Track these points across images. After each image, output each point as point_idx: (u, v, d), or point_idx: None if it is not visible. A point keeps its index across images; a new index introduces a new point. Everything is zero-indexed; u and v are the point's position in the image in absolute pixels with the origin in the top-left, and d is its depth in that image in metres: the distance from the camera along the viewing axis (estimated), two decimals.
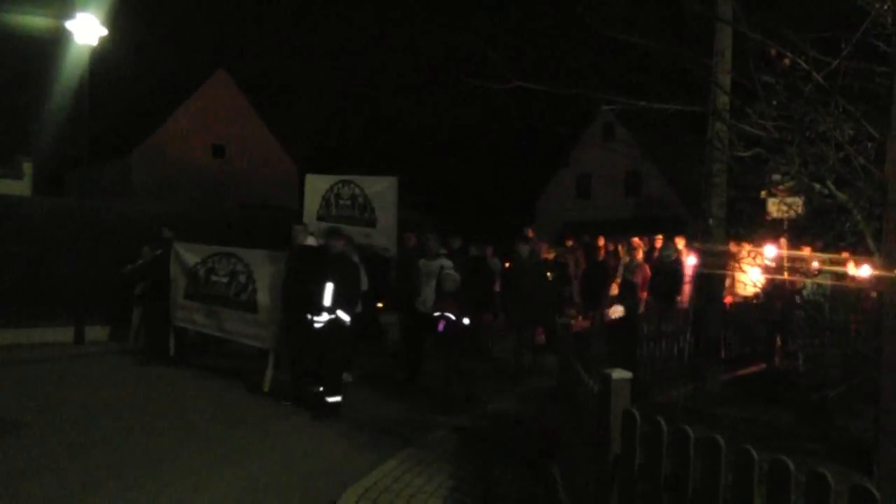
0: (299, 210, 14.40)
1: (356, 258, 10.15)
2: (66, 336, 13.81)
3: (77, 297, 13.82)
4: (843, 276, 8.71)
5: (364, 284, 10.23)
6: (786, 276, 10.80)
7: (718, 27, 8.89)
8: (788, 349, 10.37)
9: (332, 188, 13.28)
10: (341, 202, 13.19)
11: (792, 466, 2.82)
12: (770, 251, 12.21)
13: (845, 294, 8.51)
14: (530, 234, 16.06)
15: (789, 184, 8.58)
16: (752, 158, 7.56)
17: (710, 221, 9.41)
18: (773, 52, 6.88)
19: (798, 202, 9.07)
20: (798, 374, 9.09)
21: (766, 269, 12.02)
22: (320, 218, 13.15)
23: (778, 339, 10.89)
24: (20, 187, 31.74)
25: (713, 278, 9.87)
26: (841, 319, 8.01)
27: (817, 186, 6.85)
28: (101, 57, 17.13)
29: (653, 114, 8.26)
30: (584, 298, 16.17)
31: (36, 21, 17.65)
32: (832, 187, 6.71)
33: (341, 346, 8.98)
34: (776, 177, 8.38)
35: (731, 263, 12.02)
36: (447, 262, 10.84)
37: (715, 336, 9.70)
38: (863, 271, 7.70)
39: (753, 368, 10.74)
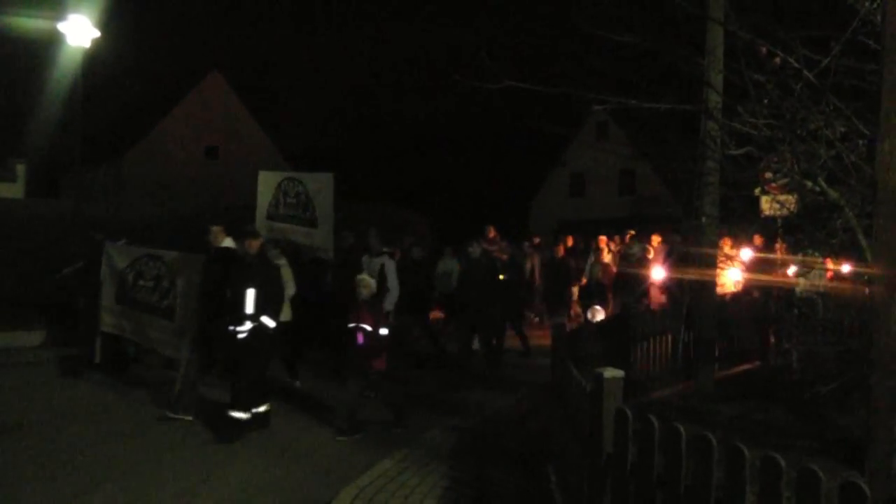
0: None
1: (282, 260, 9.65)
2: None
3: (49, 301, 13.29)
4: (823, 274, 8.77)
5: (291, 288, 9.56)
6: (767, 275, 10.86)
7: (710, 27, 8.91)
8: (782, 347, 10.40)
9: (280, 185, 12.68)
10: (288, 200, 12.51)
11: (783, 463, 2.84)
12: (745, 253, 12.19)
13: (839, 291, 8.54)
14: (492, 233, 15.83)
15: (782, 181, 8.62)
16: (744, 157, 7.60)
17: (704, 220, 9.42)
18: (763, 50, 6.91)
19: (791, 200, 9.11)
20: (791, 371, 9.12)
21: (748, 268, 12.06)
22: (270, 217, 12.55)
23: (771, 337, 10.90)
24: (13, 190, 31.66)
25: (706, 276, 9.88)
26: (834, 317, 8.03)
27: (809, 184, 6.88)
28: (94, 59, 17.11)
29: (645, 113, 8.28)
30: (547, 300, 15.88)
31: (29, 23, 17.62)
32: (824, 185, 6.74)
33: (261, 356, 8.29)
34: (768, 175, 8.42)
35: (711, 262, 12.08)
36: (389, 263, 10.31)
37: (708, 334, 9.71)
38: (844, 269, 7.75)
39: (747, 366, 10.76)
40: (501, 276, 12.41)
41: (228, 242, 9.33)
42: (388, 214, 19.44)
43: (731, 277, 12.17)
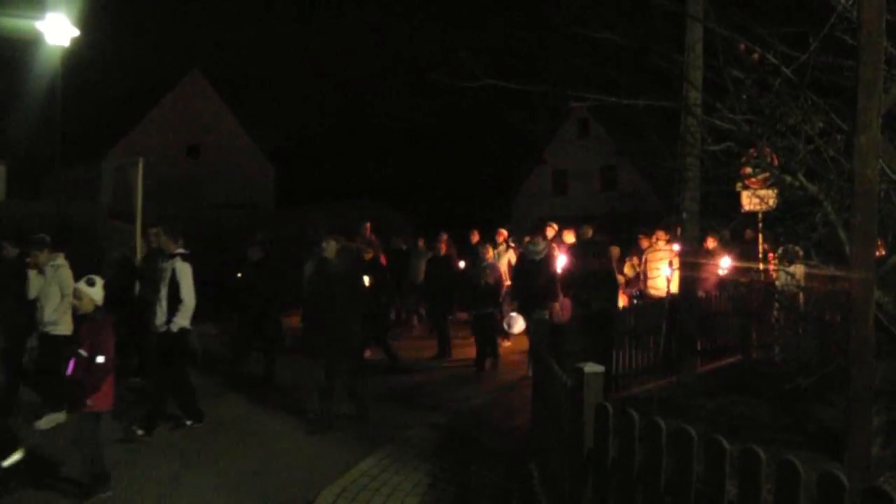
0: (275, 210, 14.17)
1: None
2: None
3: None
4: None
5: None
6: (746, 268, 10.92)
7: (689, 23, 8.95)
8: (764, 340, 10.46)
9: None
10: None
11: (763, 455, 2.85)
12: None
13: (819, 284, 8.60)
14: (367, 230, 13.94)
15: (761, 176, 8.67)
16: (723, 152, 7.63)
17: (684, 215, 9.48)
18: (742, 47, 6.95)
19: (770, 195, 9.16)
20: (773, 364, 9.18)
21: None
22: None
23: (753, 331, 10.97)
24: None
25: (689, 272, 9.94)
26: (815, 310, 8.09)
27: (788, 179, 6.93)
28: (74, 58, 16.97)
29: (625, 110, 8.31)
30: (427, 305, 14.43)
31: (6, 22, 17.45)
32: (803, 179, 6.78)
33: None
34: (748, 170, 8.47)
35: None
36: (183, 267, 8.06)
37: (690, 329, 9.77)
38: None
39: (729, 360, 10.82)
40: (367, 280, 10.32)
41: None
42: (369, 211, 19.39)
43: (664, 273, 12.11)
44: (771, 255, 10.52)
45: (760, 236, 10.88)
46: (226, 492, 6.28)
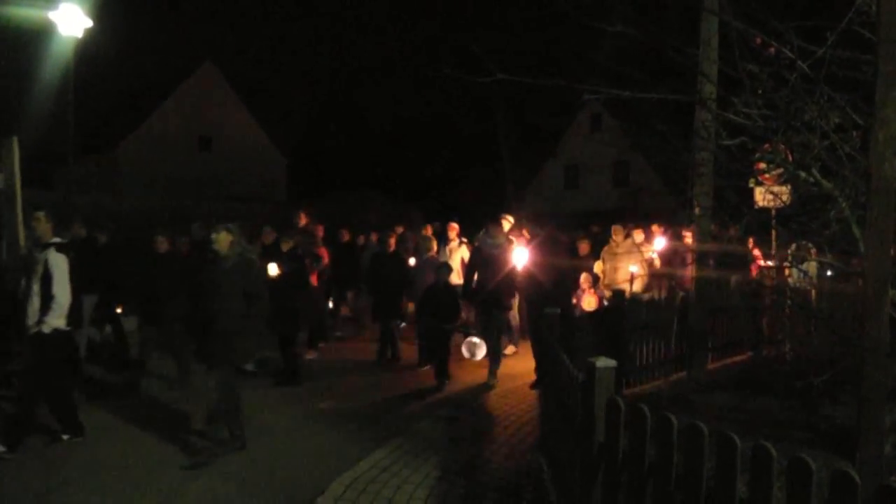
0: (287, 202, 14.18)
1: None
2: None
3: None
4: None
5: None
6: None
7: (704, 17, 8.90)
8: (775, 338, 10.41)
9: None
10: None
11: (774, 452, 2.83)
12: (659, 242, 11.88)
13: (832, 281, 8.55)
14: (302, 218, 12.29)
15: (776, 172, 8.61)
16: (738, 147, 7.58)
17: (697, 210, 9.43)
18: (757, 40, 6.89)
19: (784, 191, 9.10)
20: (784, 361, 9.13)
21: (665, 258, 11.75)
22: None
23: (765, 327, 10.92)
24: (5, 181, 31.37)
25: (702, 268, 9.88)
26: (827, 308, 8.05)
27: (803, 175, 6.87)
28: (87, 49, 17.02)
29: (637, 103, 8.27)
30: (372, 305, 12.27)
31: (19, 12, 17.50)
32: (818, 175, 6.73)
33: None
34: (762, 165, 8.41)
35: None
36: (56, 258, 7.11)
37: (701, 325, 9.72)
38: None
39: (740, 357, 10.77)
40: (273, 271, 9.66)
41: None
42: (378, 203, 19.40)
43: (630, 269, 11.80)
44: (758, 252, 10.23)
45: (752, 240, 10.45)
46: (235, 484, 6.29)
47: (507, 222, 12.70)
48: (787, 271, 8.87)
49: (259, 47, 78.02)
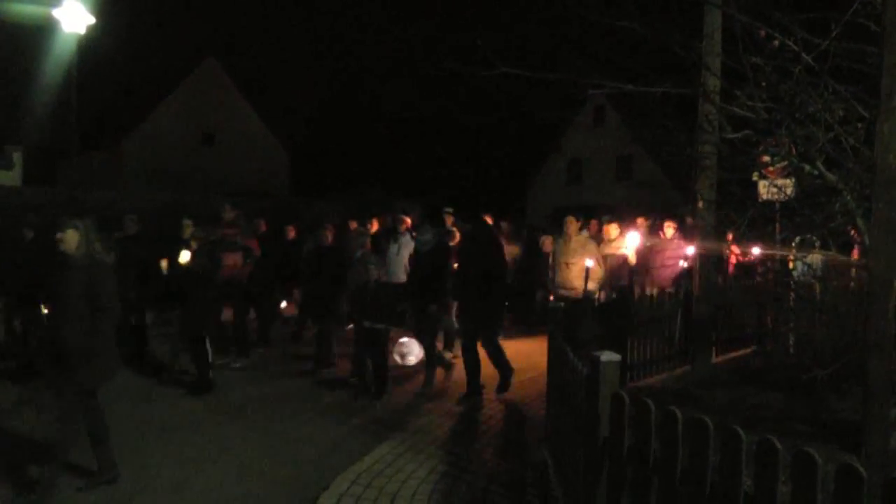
0: (290, 197, 14.14)
1: None
2: None
3: None
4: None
5: None
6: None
7: (707, 9, 8.87)
8: (779, 331, 10.39)
9: None
10: None
11: (779, 446, 2.82)
12: (633, 239, 11.20)
13: (837, 274, 8.53)
14: (227, 210, 11.43)
15: (780, 165, 8.59)
16: (741, 140, 7.56)
17: (701, 204, 9.41)
18: (762, 33, 6.86)
19: (788, 184, 9.08)
20: (788, 355, 9.11)
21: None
22: None
23: (769, 321, 10.89)
24: (10, 177, 31.51)
25: (707, 261, 9.85)
26: (831, 301, 8.02)
27: (807, 168, 6.86)
28: (90, 45, 17.03)
29: (641, 97, 8.25)
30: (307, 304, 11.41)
31: (23, 9, 17.52)
32: (822, 168, 6.72)
33: None
34: (766, 158, 8.39)
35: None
36: None
37: (705, 319, 9.71)
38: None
39: (744, 351, 10.76)
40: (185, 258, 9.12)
41: None
42: (380, 199, 19.38)
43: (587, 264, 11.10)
44: (734, 244, 9.82)
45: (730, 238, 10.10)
46: (240, 478, 6.28)
47: (450, 218, 12.29)
48: (790, 265, 8.86)
49: (261, 43, 78.03)
